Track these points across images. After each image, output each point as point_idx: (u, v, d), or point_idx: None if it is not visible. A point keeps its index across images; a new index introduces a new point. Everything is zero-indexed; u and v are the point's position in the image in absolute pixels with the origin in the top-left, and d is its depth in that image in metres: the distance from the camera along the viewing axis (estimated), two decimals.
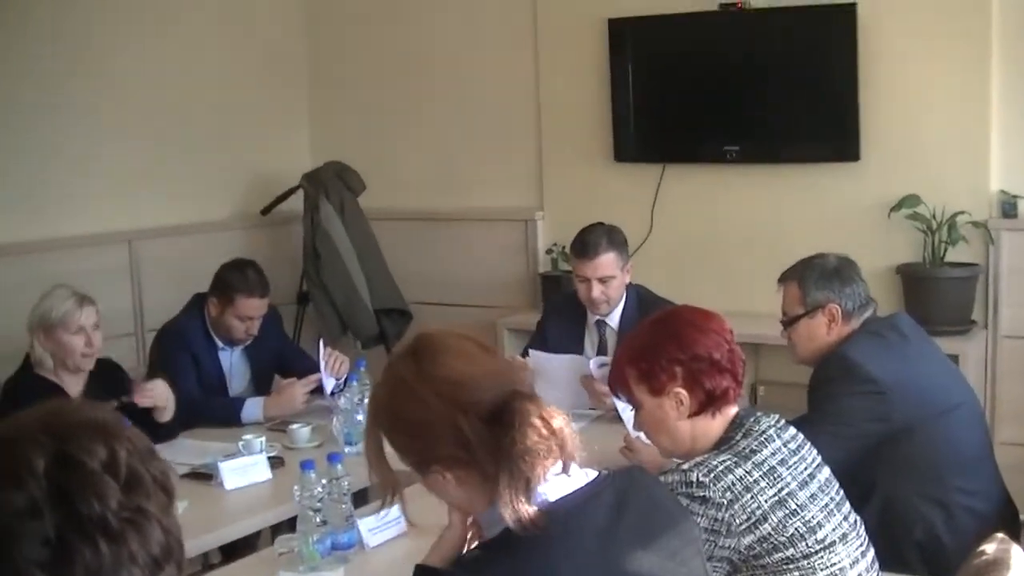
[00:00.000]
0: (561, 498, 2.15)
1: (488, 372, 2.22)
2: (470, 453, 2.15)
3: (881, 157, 6.18)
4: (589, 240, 5.21)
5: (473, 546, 2.31)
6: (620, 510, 2.18)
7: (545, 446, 2.14)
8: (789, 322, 4.37)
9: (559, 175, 7.17)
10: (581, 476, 2.21)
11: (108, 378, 4.91)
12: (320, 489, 3.50)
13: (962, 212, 5.95)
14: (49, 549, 1.45)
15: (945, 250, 5.99)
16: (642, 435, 3.56)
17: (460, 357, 2.24)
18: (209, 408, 5.18)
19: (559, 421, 2.18)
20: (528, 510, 2.09)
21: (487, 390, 2.18)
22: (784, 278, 4.44)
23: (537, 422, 2.14)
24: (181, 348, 5.35)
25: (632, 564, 2.14)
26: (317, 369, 5.47)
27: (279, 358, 5.72)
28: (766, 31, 6.46)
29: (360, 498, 4.04)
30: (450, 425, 2.15)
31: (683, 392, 3.00)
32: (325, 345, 5.45)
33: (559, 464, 2.17)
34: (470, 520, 2.38)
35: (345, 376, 5.13)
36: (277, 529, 4.26)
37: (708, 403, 3.00)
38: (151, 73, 6.88)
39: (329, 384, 5.19)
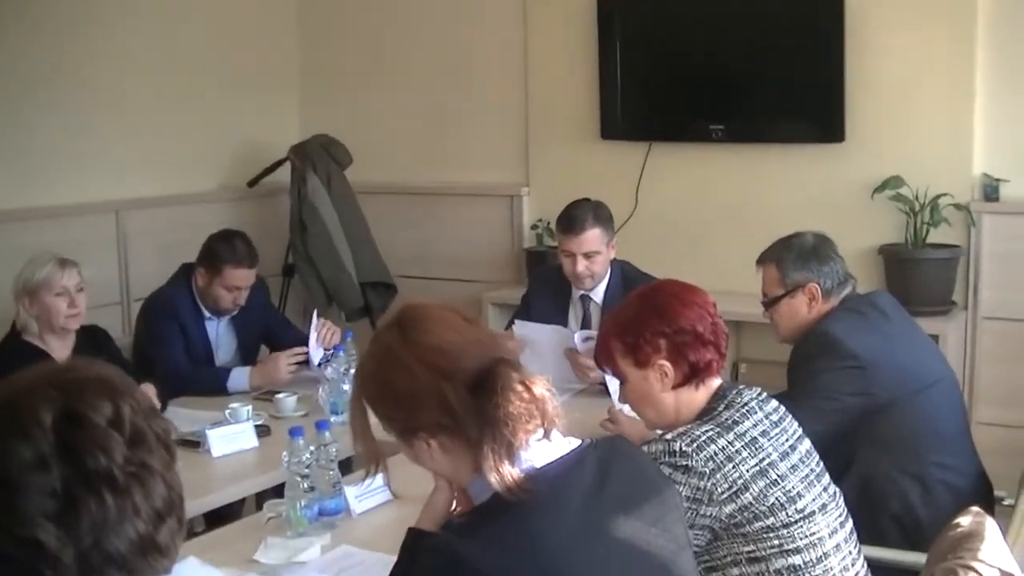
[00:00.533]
0: (546, 465, 2.20)
1: (472, 340, 2.27)
2: (454, 419, 2.20)
3: (865, 139, 6.22)
4: (575, 215, 5.25)
5: (462, 511, 2.35)
6: (604, 477, 2.23)
7: (527, 411, 2.18)
8: (770, 303, 4.42)
9: (545, 151, 7.20)
10: (565, 444, 2.26)
11: (95, 344, 4.93)
12: (308, 456, 3.54)
13: (945, 194, 6.00)
14: (56, 501, 1.50)
15: (927, 232, 6.03)
16: (626, 408, 3.63)
17: (444, 326, 2.29)
18: (196, 377, 5.20)
19: (540, 388, 2.23)
20: (512, 473, 2.14)
21: (471, 358, 2.22)
22: (762, 259, 4.48)
23: (519, 387, 2.19)
24: (168, 317, 5.38)
25: (616, 529, 2.19)
26: (304, 340, 5.53)
27: (265, 328, 5.76)
28: (754, 11, 6.49)
29: (345, 467, 4.09)
30: (435, 392, 2.20)
31: (667, 364, 3.05)
32: (318, 316, 5.49)
33: (540, 431, 2.21)
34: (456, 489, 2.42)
35: (333, 347, 5.16)
36: (261, 497, 4.29)
37: (692, 375, 3.05)
38: (140, 45, 6.89)
39: (317, 355, 5.23)
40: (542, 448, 2.22)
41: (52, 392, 1.57)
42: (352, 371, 4.67)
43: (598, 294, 5.32)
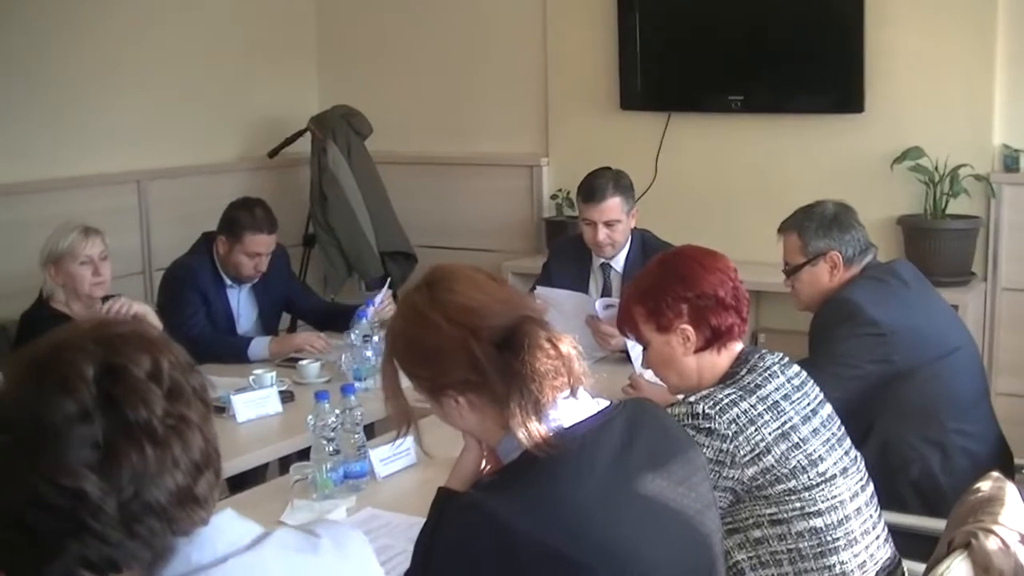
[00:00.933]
0: (575, 424, 2.23)
1: (499, 299, 2.30)
2: (482, 376, 2.23)
3: (885, 109, 6.22)
4: (596, 184, 5.27)
5: (491, 470, 2.38)
6: (631, 436, 2.26)
7: (554, 368, 2.21)
8: (791, 271, 4.44)
9: (565, 122, 7.21)
10: (593, 404, 2.29)
11: None
12: (333, 419, 3.59)
13: (964, 165, 5.99)
14: (98, 452, 1.53)
15: (946, 202, 6.03)
16: (647, 374, 3.66)
17: (472, 285, 2.31)
18: (217, 345, 5.23)
19: (566, 345, 2.26)
20: (540, 430, 2.17)
21: (498, 315, 2.25)
22: (784, 228, 4.50)
23: (546, 344, 2.22)
24: (190, 286, 5.41)
25: (643, 487, 2.22)
26: (322, 306, 5.67)
27: (286, 297, 5.82)
28: None
29: (368, 432, 4.12)
30: (462, 349, 2.23)
31: (689, 328, 3.08)
32: (389, 287, 5.55)
33: (567, 389, 2.24)
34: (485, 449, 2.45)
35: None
36: (284, 462, 4.34)
37: (714, 339, 3.08)
38: (162, 16, 6.91)
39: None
40: (570, 407, 2.25)
41: (93, 346, 1.60)
42: (374, 339, 4.74)
43: (618, 262, 5.35)
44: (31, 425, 1.54)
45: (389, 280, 5.83)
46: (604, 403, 2.32)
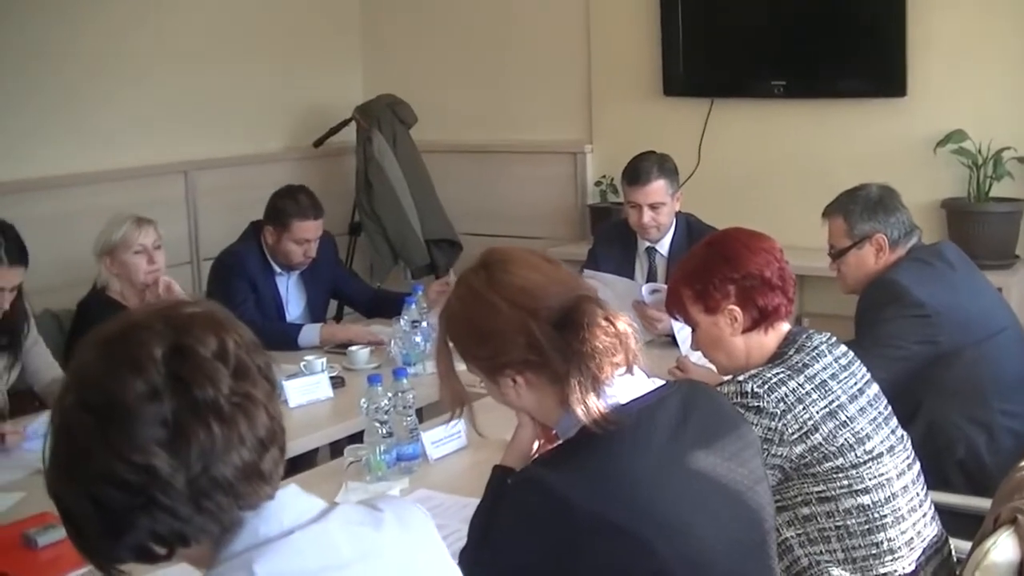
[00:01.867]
0: (632, 400, 2.27)
1: (555, 279, 2.34)
2: (541, 355, 2.27)
3: (927, 93, 6.21)
4: (641, 167, 5.31)
5: (548, 447, 2.42)
6: (686, 413, 2.30)
7: (612, 345, 2.26)
8: (837, 255, 4.46)
9: (608, 108, 7.25)
10: (649, 383, 2.34)
11: None
12: (386, 402, 3.63)
13: (1008, 148, 5.98)
14: (167, 429, 1.58)
15: (990, 185, 6.03)
16: (695, 356, 3.69)
17: (528, 267, 2.36)
18: (267, 333, 5.22)
19: (622, 323, 2.31)
20: (599, 406, 2.21)
21: (555, 296, 2.30)
22: (828, 212, 4.51)
23: (604, 323, 2.27)
24: (239, 275, 5.47)
25: (697, 462, 2.26)
26: (369, 293, 5.81)
27: (333, 283, 5.87)
28: None
29: (418, 416, 4.16)
30: (520, 329, 2.27)
31: (737, 309, 3.11)
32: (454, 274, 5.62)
33: (624, 367, 2.29)
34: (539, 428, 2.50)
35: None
36: (336, 447, 4.40)
37: (761, 319, 3.11)
38: (208, 6, 6.99)
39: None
40: (627, 385, 2.29)
41: (162, 327, 1.64)
42: (423, 324, 4.79)
43: (664, 246, 5.38)
44: (103, 403, 1.59)
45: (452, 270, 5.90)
46: (659, 382, 2.37)
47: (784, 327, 3.15)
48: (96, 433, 1.59)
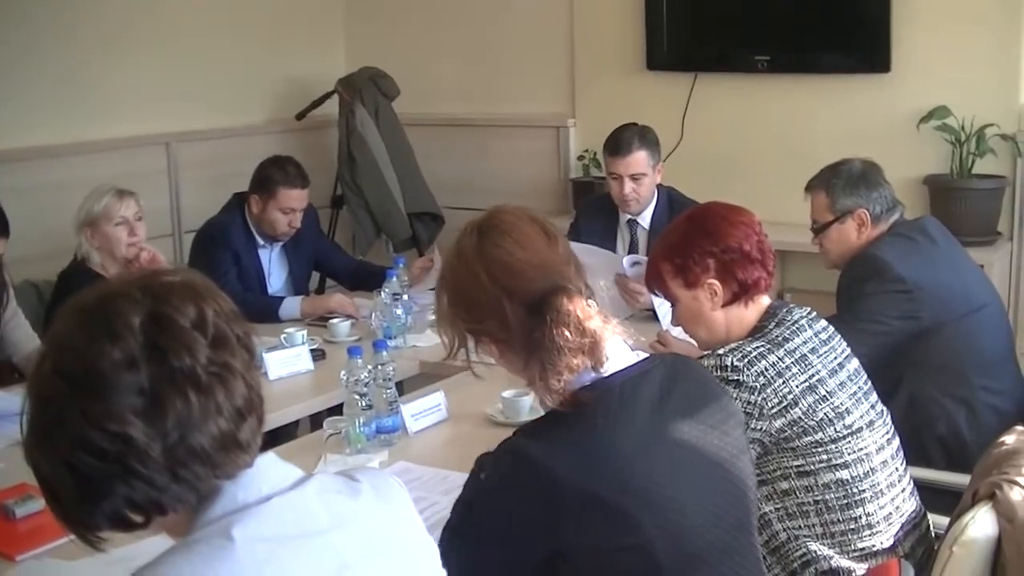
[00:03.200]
0: (615, 373, 2.27)
1: (541, 262, 2.33)
2: (509, 336, 2.30)
3: (911, 69, 6.20)
4: (622, 138, 5.31)
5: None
6: (669, 385, 2.31)
7: (576, 345, 2.24)
8: (820, 229, 4.46)
9: (591, 82, 7.23)
10: (632, 356, 2.34)
11: None
12: (366, 375, 3.63)
13: (991, 124, 5.98)
14: (144, 398, 1.58)
15: (973, 162, 6.02)
16: (675, 330, 3.69)
17: (520, 243, 2.34)
18: (249, 305, 5.23)
19: (595, 322, 2.29)
20: (560, 391, 2.22)
21: (534, 280, 2.29)
22: (811, 186, 4.52)
23: (572, 321, 2.25)
24: (222, 246, 5.46)
25: (680, 434, 2.27)
26: (352, 266, 5.85)
27: (316, 256, 5.88)
28: None
29: (398, 389, 4.15)
30: (496, 306, 2.29)
31: (716, 283, 3.11)
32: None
33: (586, 371, 2.26)
34: None
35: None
36: (315, 419, 4.40)
37: (741, 293, 3.11)
38: None
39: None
40: (614, 358, 2.29)
41: (140, 295, 1.64)
42: (404, 297, 4.80)
43: (645, 219, 5.39)
44: (81, 371, 1.59)
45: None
46: (643, 355, 2.37)
47: (764, 301, 3.16)
48: (72, 401, 1.58)
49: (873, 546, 2.97)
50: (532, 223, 2.40)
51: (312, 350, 4.59)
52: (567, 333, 2.24)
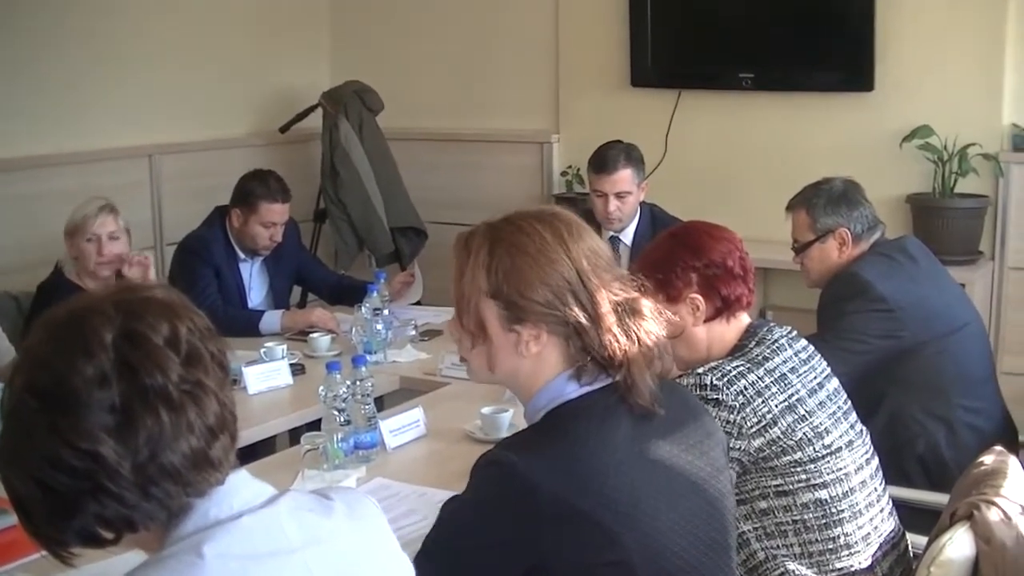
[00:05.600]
0: (600, 387, 2.27)
1: (613, 262, 2.36)
2: (591, 320, 2.25)
3: (894, 87, 6.22)
4: (608, 155, 5.32)
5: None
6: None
7: (656, 345, 2.31)
8: (801, 248, 4.46)
9: (576, 99, 7.23)
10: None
11: None
12: (344, 390, 3.62)
13: (973, 144, 6.00)
14: (115, 416, 1.58)
15: (955, 181, 6.04)
16: None
17: (598, 241, 2.36)
18: (229, 319, 5.24)
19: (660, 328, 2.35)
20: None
21: (619, 278, 2.31)
22: (792, 205, 4.52)
23: (660, 321, 2.34)
24: (203, 260, 5.45)
25: (659, 450, 2.26)
26: (333, 280, 5.85)
27: (297, 270, 5.87)
28: None
29: (377, 405, 4.14)
30: (583, 292, 2.25)
31: (699, 298, 3.11)
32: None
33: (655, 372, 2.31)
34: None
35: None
36: (295, 434, 4.38)
37: (723, 308, 3.11)
38: None
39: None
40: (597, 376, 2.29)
41: (113, 312, 1.63)
42: (385, 312, 4.79)
43: (627, 235, 5.40)
44: (52, 388, 1.59)
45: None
46: None
47: (745, 319, 3.16)
48: (43, 417, 1.58)
49: (851, 566, 2.97)
50: None
51: (292, 364, 4.58)
52: (651, 331, 2.29)
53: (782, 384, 2.95)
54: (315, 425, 3.92)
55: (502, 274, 2.28)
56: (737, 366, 2.95)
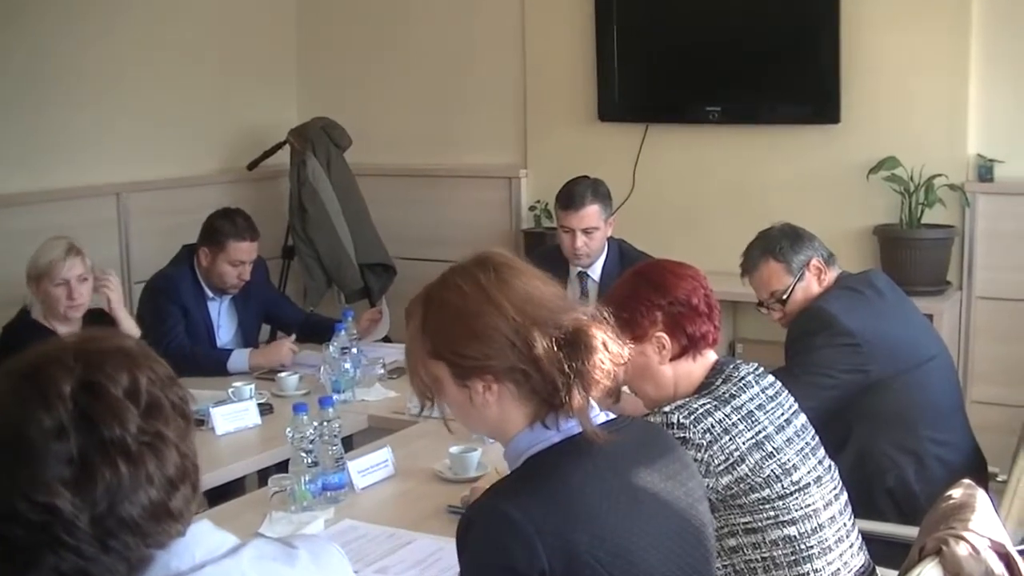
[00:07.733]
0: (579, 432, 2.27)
1: (558, 295, 2.32)
2: (536, 368, 2.23)
3: (861, 120, 6.26)
4: (575, 191, 5.33)
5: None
6: (633, 442, 2.34)
7: (610, 371, 2.28)
8: (785, 294, 4.37)
9: (543, 133, 7.24)
10: (601, 415, 2.35)
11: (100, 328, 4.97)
12: (312, 431, 3.60)
13: (939, 175, 6.04)
14: (72, 468, 1.56)
15: (922, 212, 6.07)
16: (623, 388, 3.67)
17: (533, 277, 2.32)
18: (197, 358, 5.22)
19: (617, 348, 2.32)
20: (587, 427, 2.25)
21: (560, 312, 2.27)
22: (753, 264, 4.46)
23: (609, 349, 2.28)
24: (171, 299, 5.43)
25: (639, 481, 2.27)
26: (301, 318, 5.80)
27: (266, 308, 5.84)
28: None
29: (345, 445, 4.12)
30: (523, 339, 2.22)
31: (664, 336, 3.10)
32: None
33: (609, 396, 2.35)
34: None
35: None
36: (264, 475, 4.35)
37: (689, 346, 3.10)
38: (139, 29, 6.91)
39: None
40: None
41: (73, 362, 1.62)
42: (353, 351, 4.77)
43: (595, 271, 5.40)
44: (8, 439, 1.57)
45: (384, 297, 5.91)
46: (611, 415, 2.37)
47: (711, 356, 3.15)
48: (2, 468, 1.57)
49: None
50: (527, 264, 2.39)
51: (260, 404, 4.55)
52: (607, 362, 2.25)
53: (749, 421, 2.95)
54: (285, 465, 3.91)
55: (436, 335, 2.30)
56: (704, 404, 2.94)
